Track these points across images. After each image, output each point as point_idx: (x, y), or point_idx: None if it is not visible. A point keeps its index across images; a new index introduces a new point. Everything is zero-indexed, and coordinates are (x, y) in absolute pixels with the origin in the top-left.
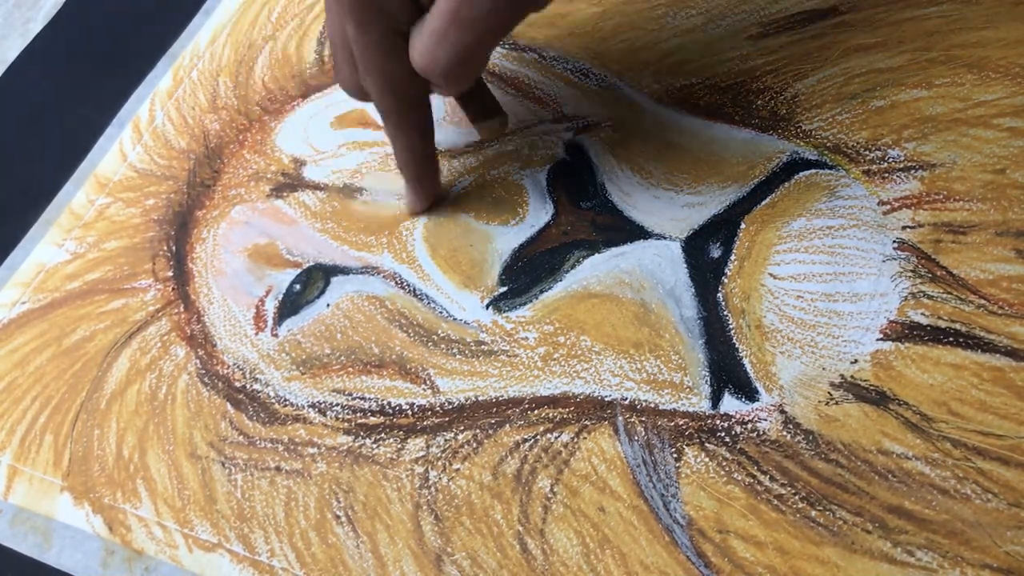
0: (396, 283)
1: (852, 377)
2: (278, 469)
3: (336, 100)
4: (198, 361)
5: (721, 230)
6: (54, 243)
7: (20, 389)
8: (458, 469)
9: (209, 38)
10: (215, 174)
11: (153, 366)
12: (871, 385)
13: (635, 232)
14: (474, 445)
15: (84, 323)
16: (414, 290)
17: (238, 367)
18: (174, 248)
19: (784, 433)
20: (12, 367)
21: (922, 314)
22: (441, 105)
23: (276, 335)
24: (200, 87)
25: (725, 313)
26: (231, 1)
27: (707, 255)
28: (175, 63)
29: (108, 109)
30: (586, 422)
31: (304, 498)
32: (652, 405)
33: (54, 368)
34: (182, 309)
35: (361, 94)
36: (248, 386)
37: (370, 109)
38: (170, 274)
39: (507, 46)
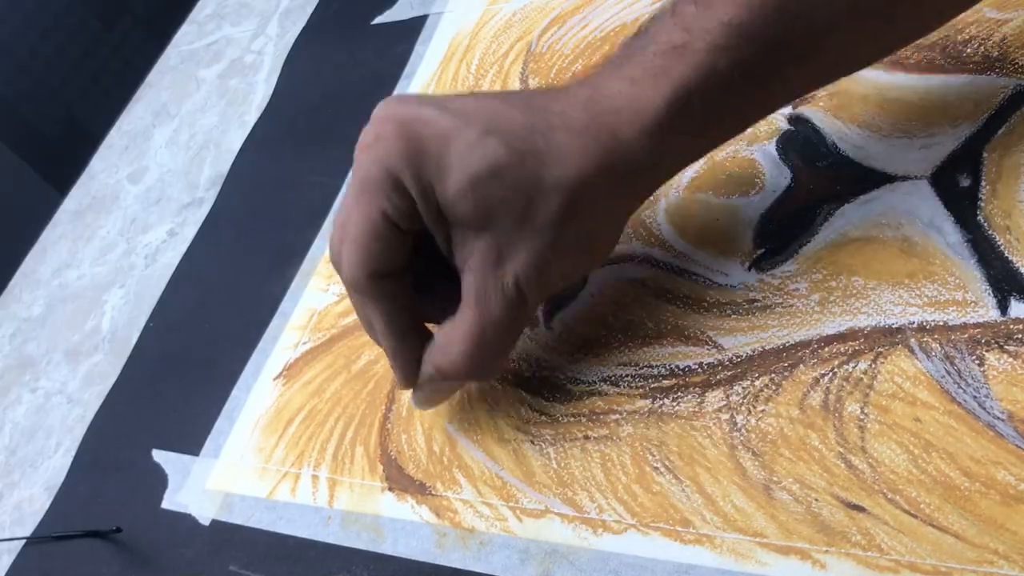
0: (652, 265)
1: None
2: (586, 437)
3: None
4: None
5: (964, 162)
6: (319, 289)
7: (321, 414)
8: (764, 410)
9: None
10: None
11: None
12: None
13: (879, 178)
14: (773, 388)
15: (367, 349)
16: (672, 267)
17: (523, 360)
18: None
19: None
20: (309, 396)
21: None
22: None
23: (551, 328)
24: None
25: (990, 233)
26: (430, 63)
27: (957, 186)
28: None
29: (336, 174)
30: (879, 349)
31: (619, 457)
32: (942, 323)
33: (349, 391)
34: None
35: (338, 268)
36: (537, 374)
37: None
38: None
39: None
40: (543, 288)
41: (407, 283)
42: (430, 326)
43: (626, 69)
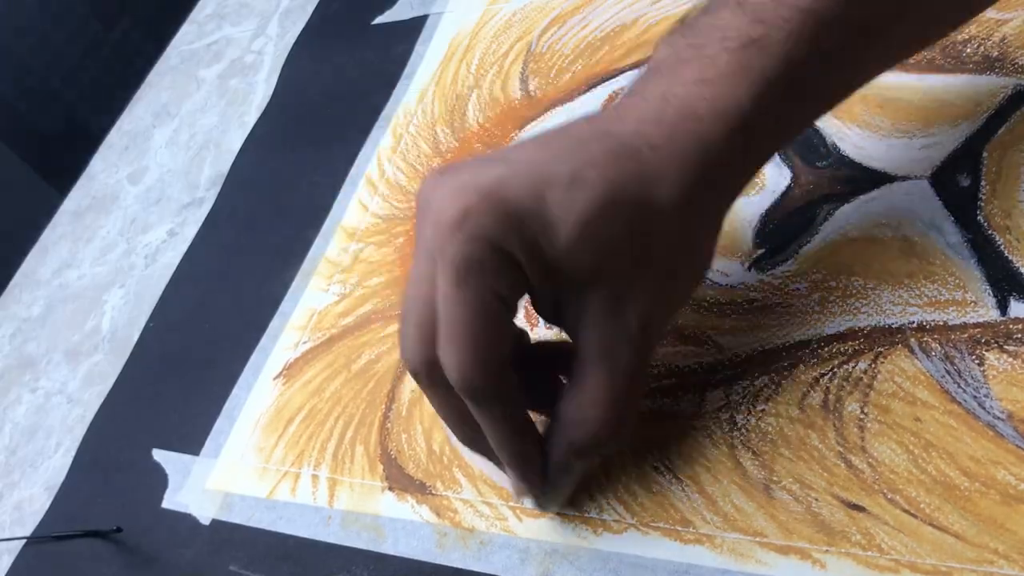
0: None
1: None
2: None
3: (549, 125)
4: None
5: (964, 162)
6: (319, 289)
7: (322, 413)
8: (763, 409)
9: (417, 97)
10: None
11: None
12: None
13: (879, 178)
14: (773, 387)
15: (367, 349)
16: None
17: None
18: None
19: None
20: (309, 396)
21: None
22: None
23: (551, 327)
24: (420, 138)
25: (990, 232)
26: (430, 63)
27: (957, 185)
28: (391, 123)
29: (336, 173)
30: (879, 349)
31: (619, 458)
32: (941, 323)
33: (349, 390)
34: None
35: (431, 374)
36: None
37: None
38: None
39: None
40: (663, 325)
41: (517, 374)
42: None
43: (694, 69)
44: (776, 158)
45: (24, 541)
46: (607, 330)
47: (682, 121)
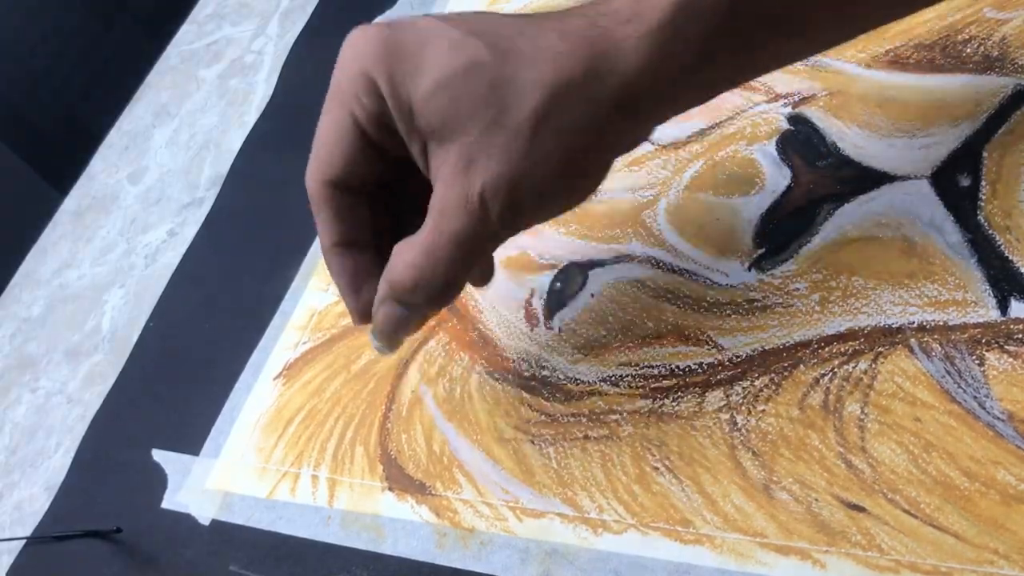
0: (653, 265)
1: None
2: (587, 437)
3: None
4: (484, 361)
5: (964, 161)
6: (319, 289)
7: (321, 413)
8: (763, 410)
9: None
10: None
11: (443, 372)
12: None
13: (879, 178)
14: (773, 388)
15: (367, 349)
16: (672, 267)
17: (523, 360)
18: None
19: None
20: (309, 396)
21: None
22: None
23: (551, 328)
24: None
25: (990, 232)
26: None
27: (957, 185)
28: None
29: None
30: (879, 349)
31: (619, 457)
32: (942, 323)
33: (349, 391)
34: (455, 322)
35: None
36: (537, 373)
37: None
38: None
39: None
40: (513, 205)
41: (368, 205)
42: None
43: None
44: (776, 158)
45: (24, 541)
46: (447, 190)
47: (599, 16)
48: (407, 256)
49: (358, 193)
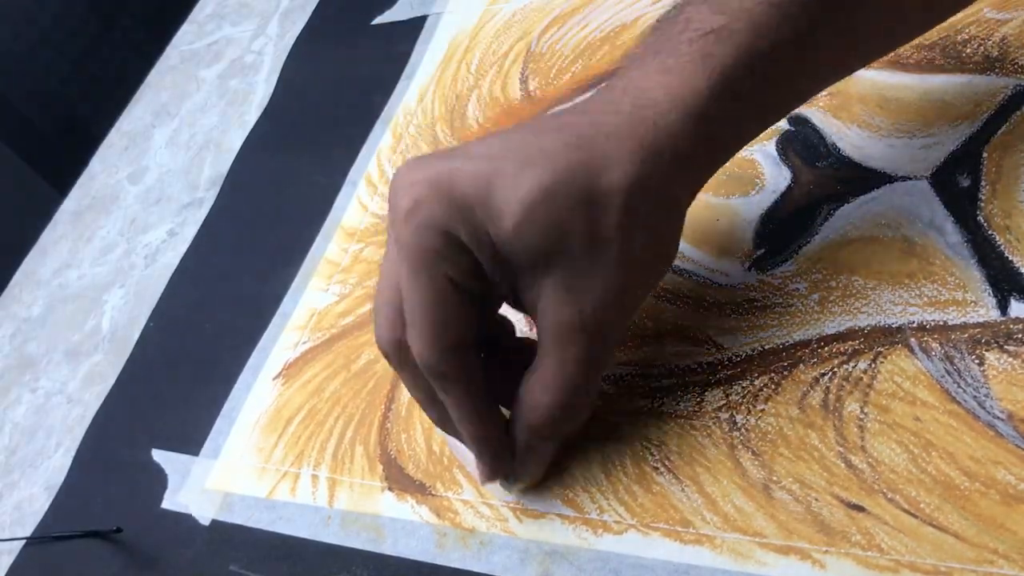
0: None
1: None
2: (586, 437)
3: None
4: None
5: (964, 162)
6: (319, 289)
7: (321, 413)
8: (763, 409)
9: (417, 97)
10: None
11: None
12: None
13: (879, 178)
14: (772, 387)
15: (367, 349)
16: (673, 268)
17: None
18: None
19: None
20: (309, 396)
21: None
22: None
23: None
24: (420, 137)
25: (990, 233)
26: (430, 63)
27: (957, 186)
28: (391, 123)
29: (336, 173)
30: (879, 348)
31: (619, 458)
32: (941, 323)
33: (349, 390)
34: None
35: (399, 355)
36: None
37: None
38: None
39: None
40: (620, 314)
41: (480, 359)
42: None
43: (660, 59)
44: (776, 158)
45: (24, 541)
46: (558, 317)
47: (639, 109)
48: (544, 398)
49: (474, 351)
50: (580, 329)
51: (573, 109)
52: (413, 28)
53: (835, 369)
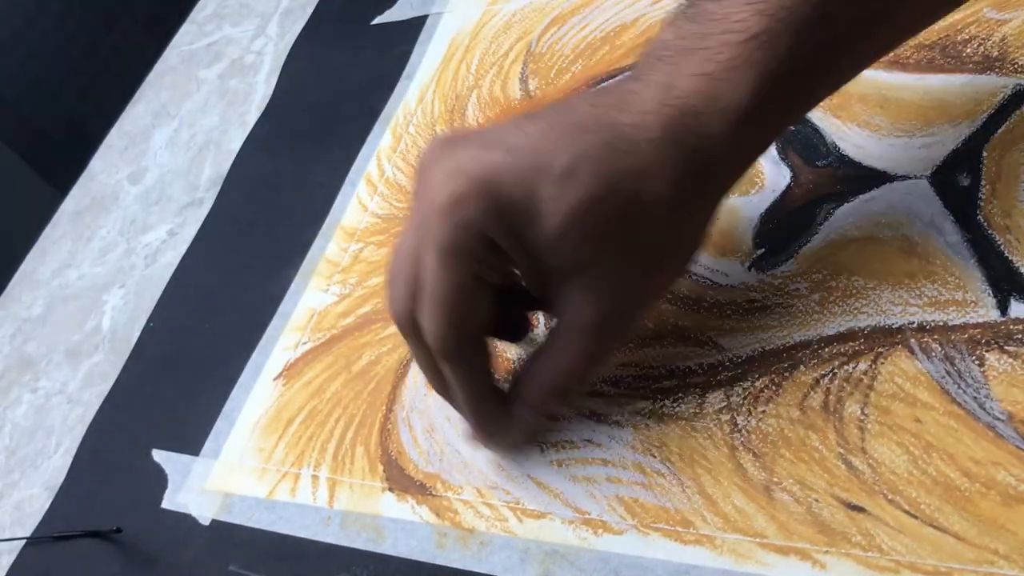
0: None
1: None
2: (587, 439)
3: None
4: None
5: (964, 161)
6: (319, 289)
7: (322, 414)
8: (764, 410)
9: (417, 97)
10: None
11: None
12: None
13: (878, 177)
14: (773, 388)
15: (367, 349)
16: None
17: (523, 361)
18: None
19: None
20: (309, 397)
21: None
22: None
23: (551, 325)
24: (420, 137)
25: (990, 232)
26: (430, 63)
27: (956, 185)
28: (391, 123)
29: (336, 173)
30: (879, 349)
31: (620, 459)
32: (941, 323)
33: (349, 391)
34: None
35: (409, 327)
36: None
37: None
38: None
39: None
40: (639, 316)
41: (486, 339)
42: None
43: (696, 62)
44: (776, 157)
45: (24, 541)
46: (581, 316)
47: (681, 116)
48: (545, 377)
49: (483, 335)
50: (599, 328)
51: (613, 101)
52: (413, 28)
53: (835, 370)
